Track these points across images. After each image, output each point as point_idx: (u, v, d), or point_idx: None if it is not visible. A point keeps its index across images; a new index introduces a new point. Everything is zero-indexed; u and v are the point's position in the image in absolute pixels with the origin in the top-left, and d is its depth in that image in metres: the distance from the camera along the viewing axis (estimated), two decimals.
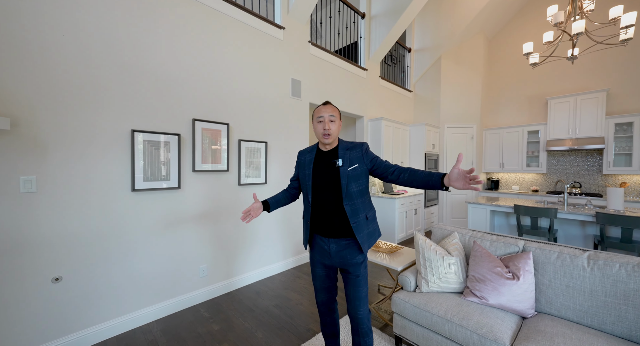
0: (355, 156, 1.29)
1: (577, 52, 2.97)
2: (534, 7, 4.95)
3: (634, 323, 1.20)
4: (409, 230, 4.37)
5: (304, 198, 1.39)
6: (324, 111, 1.28)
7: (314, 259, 1.39)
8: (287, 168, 3.10)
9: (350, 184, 1.26)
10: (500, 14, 5.02)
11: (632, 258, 1.29)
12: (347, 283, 1.31)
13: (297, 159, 1.46)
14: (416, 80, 5.57)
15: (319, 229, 1.32)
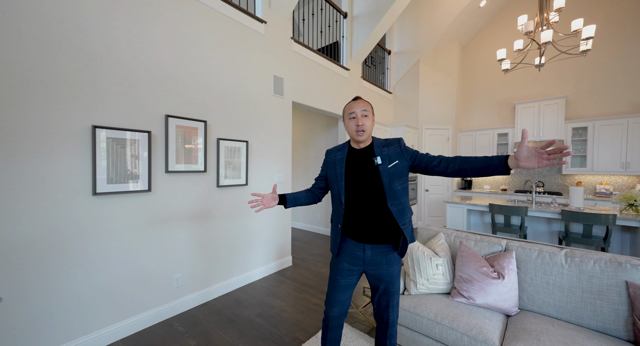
0: (394, 153, 1.19)
1: (543, 60, 3.17)
2: (504, 15, 5.27)
3: (608, 317, 1.26)
4: None
5: (335, 199, 1.27)
6: (355, 106, 1.19)
7: (339, 267, 1.24)
8: (270, 169, 2.98)
9: (393, 182, 1.16)
10: (473, 22, 5.27)
11: (605, 255, 1.37)
12: (379, 292, 1.24)
13: (325, 158, 1.35)
14: (396, 82, 5.68)
15: (353, 233, 1.21)
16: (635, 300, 1.20)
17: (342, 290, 1.24)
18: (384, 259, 1.20)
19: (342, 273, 1.24)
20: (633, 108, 4.15)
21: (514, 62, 4.32)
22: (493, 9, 5.27)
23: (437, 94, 5.45)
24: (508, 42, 5.20)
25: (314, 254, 3.68)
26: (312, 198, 1.39)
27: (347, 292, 1.25)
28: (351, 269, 1.23)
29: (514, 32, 5.12)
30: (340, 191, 1.22)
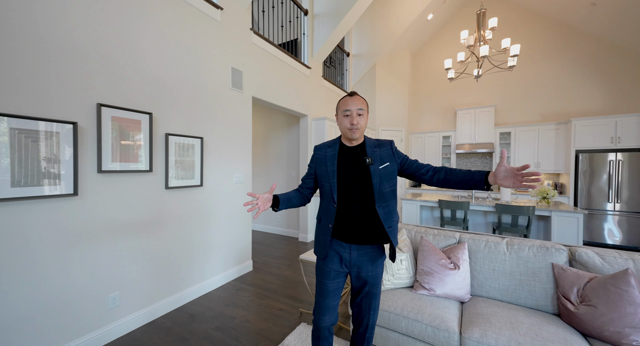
0: (385, 154, 1.17)
1: (481, 72, 3.61)
2: (448, 29, 5.86)
3: (540, 295, 1.47)
4: None
5: (325, 197, 1.21)
6: (351, 103, 1.13)
7: (325, 270, 1.18)
8: (228, 168, 2.75)
9: (383, 183, 1.14)
10: (422, 33, 5.74)
11: (536, 242, 1.59)
12: (359, 296, 1.21)
13: (315, 154, 1.27)
14: (354, 84, 5.85)
15: (340, 234, 1.17)
16: (559, 278, 1.42)
17: (332, 295, 1.18)
18: (369, 260, 1.18)
19: (330, 275, 1.18)
20: (542, 118, 5.02)
21: (458, 72, 4.83)
22: (439, 22, 5.82)
23: (391, 97, 5.79)
24: (451, 53, 5.79)
25: (275, 257, 3.55)
26: (302, 199, 1.30)
27: (337, 297, 1.20)
28: (339, 271, 1.19)
29: (456, 44, 5.74)
30: (332, 189, 1.16)
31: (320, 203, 1.26)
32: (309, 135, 4.26)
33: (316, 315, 1.20)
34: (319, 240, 1.23)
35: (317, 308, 1.21)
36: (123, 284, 1.91)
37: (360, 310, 1.23)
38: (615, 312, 1.16)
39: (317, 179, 1.27)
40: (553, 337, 1.19)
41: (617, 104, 4.46)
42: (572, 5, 4.38)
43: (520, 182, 0.93)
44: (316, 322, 1.20)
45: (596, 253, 1.41)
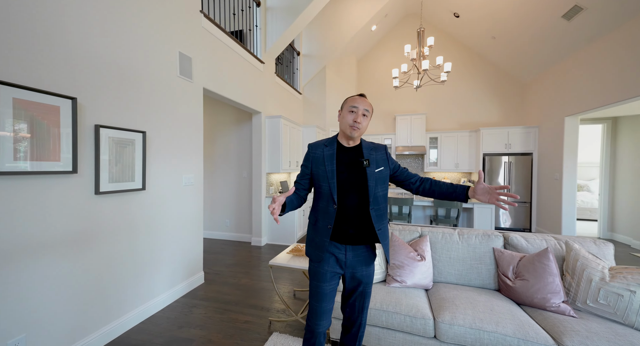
0: (380, 158, 1.20)
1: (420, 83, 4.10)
2: (388, 41, 6.44)
3: (485, 276, 1.76)
4: (304, 227, 4.53)
5: (322, 198, 1.17)
6: (359, 101, 1.14)
7: (321, 272, 1.15)
8: (176, 168, 2.38)
9: (377, 186, 1.16)
10: (367, 41, 6.16)
11: (480, 231, 1.89)
12: (353, 296, 1.21)
13: (310, 153, 1.22)
14: (305, 83, 5.86)
15: (336, 235, 1.15)
16: (499, 260, 1.73)
17: (328, 298, 1.16)
18: (363, 260, 1.19)
19: (327, 277, 1.16)
20: (460, 126, 6.04)
21: (402, 81, 5.37)
22: (381, 33, 6.35)
23: (341, 99, 6.02)
24: (392, 62, 6.39)
25: (229, 265, 3.26)
26: (300, 200, 1.23)
27: (333, 299, 1.18)
28: (335, 272, 1.17)
29: (396, 55, 6.36)
30: (332, 190, 1.13)
31: (316, 204, 1.21)
32: (262, 133, 4.06)
33: (312, 320, 1.16)
34: (316, 242, 1.18)
35: (312, 313, 1.16)
36: (32, 322, 1.43)
37: (353, 310, 1.24)
38: (541, 282, 1.48)
39: (314, 179, 1.22)
40: (501, 309, 1.44)
41: (508, 118, 5.72)
42: (478, 37, 5.39)
43: (495, 199, 1.04)
44: (312, 328, 1.16)
45: (522, 237, 1.77)
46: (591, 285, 1.42)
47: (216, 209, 4.43)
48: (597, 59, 3.62)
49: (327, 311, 1.17)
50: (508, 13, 4.33)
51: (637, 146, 4.27)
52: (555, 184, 4.53)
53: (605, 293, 1.37)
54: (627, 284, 1.34)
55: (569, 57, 4.16)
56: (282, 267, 1.94)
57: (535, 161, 5.11)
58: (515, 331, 1.29)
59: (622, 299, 1.33)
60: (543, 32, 4.15)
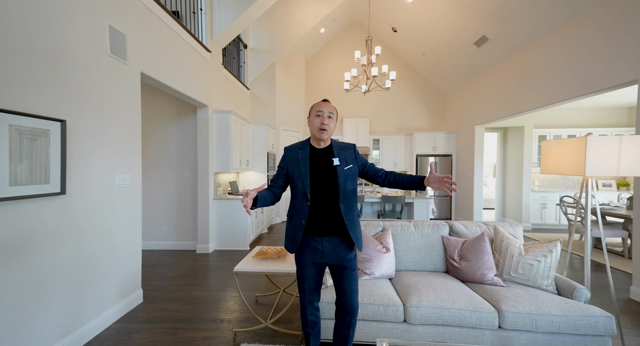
0: (349, 156, 1.32)
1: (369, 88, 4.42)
2: (335, 45, 6.70)
3: (436, 260, 2.03)
4: (257, 230, 4.32)
5: (297, 197, 1.30)
6: (324, 106, 1.27)
7: (303, 261, 1.32)
8: (107, 166, 1.94)
9: (347, 183, 1.28)
10: (315, 43, 6.28)
11: (431, 221, 2.16)
12: (342, 278, 1.32)
13: (286, 156, 1.34)
14: (253, 79, 5.59)
15: (312, 229, 1.28)
16: (446, 245, 2.02)
17: (310, 280, 1.34)
18: (340, 248, 1.30)
19: (307, 265, 1.32)
20: (397, 129, 6.75)
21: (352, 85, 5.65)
22: (329, 37, 6.56)
23: (290, 98, 5.98)
24: (338, 66, 6.67)
25: (172, 278, 2.86)
26: (274, 198, 1.33)
27: (314, 280, 1.36)
28: (314, 262, 1.31)
29: (343, 59, 6.66)
30: (306, 189, 1.26)
31: (292, 202, 1.34)
32: (210, 129, 3.69)
33: (302, 295, 1.37)
34: (291, 236, 1.32)
35: (301, 290, 1.36)
36: None
37: (344, 294, 1.33)
38: (480, 261, 1.79)
39: (290, 179, 1.34)
40: (454, 288, 1.68)
41: (434, 125, 6.69)
42: (411, 52, 6.14)
43: (444, 185, 1.22)
44: (301, 299, 1.38)
45: (462, 225, 2.10)
46: (513, 259, 1.79)
47: (150, 216, 3.82)
48: (496, 80, 4.57)
49: (312, 288, 1.35)
50: (434, 35, 5.06)
51: (519, 151, 5.58)
52: (469, 180, 5.53)
53: (522, 264, 1.76)
54: (535, 256, 1.74)
55: (478, 76, 5.13)
56: (247, 273, 1.81)
57: (454, 161, 6.12)
58: (467, 305, 1.53)
59: (533, 268, 1.73)
60: (460, 54, 5.01)
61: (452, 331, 1.54)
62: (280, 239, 4.43)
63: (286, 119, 5.90)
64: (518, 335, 1.50)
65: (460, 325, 1.52)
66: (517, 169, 5.61)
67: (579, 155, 1.59)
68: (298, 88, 6.14)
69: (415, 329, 1.56)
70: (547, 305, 1.50)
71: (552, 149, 1.80)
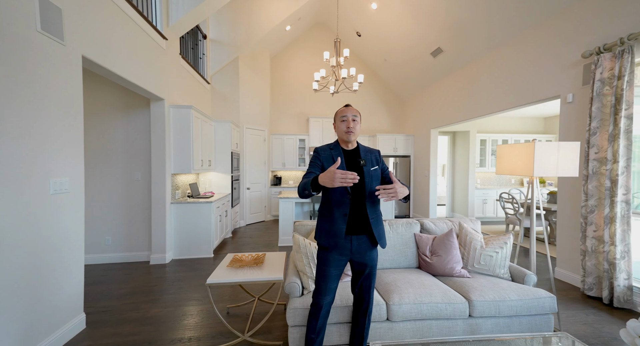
0: (374, 159, 1.42)
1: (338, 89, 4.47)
2: (301, 43, 6.63)
3: (410, 257, 2.13)
4: (221, 235, 4.03)
5: (336, 191, 1.31)
6: (347, 111, 1.35)
7: (329, 259, 1.33)
8: (38, 167, 1.57)
9: (372, 183, 1.35)
10: (280, 40, 6.13)
11: (404, 220, 2.26)
12: (362, 275, 1.39)
13: (321, 154, 1.39)
14: (214, 73, 5.21)
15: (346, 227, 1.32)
16: (419, 242, 2.13)
17: (333, 280, 1.35)
18: (367, 247, 1.37)
19: (334, 263, 1.34)
20: (362, 131, 6.99)
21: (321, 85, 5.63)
22: (295, 35, 6.47)
23: (255, 96, 5.73)
24: (303, 66, 6.62)
25: (122, 296, 2.49)
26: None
27: (337, 280, 1.38)
28: (341, 260, 1.35)
29: (308, 59, 6.63)
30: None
31: (328, 198, 1.36)
32: (166, 126, 3.31)
33: (319, 296, 1.35)
34: (333, 230, 1.32)
35: (319, 291, 1.36)
36: None
37: (362, 290, 1.42)
38: (449, 256, 1.94)
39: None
40: (429, 283, 1.78)
41: (395, 127, 7.10)
42: (374, 57, 6.41)
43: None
44: (318, 301, 1.35)
45: (432, 222, 2.25)
46: (476, 252, 1.98)
47: (91, 225, 3.27)
48: (449, 89, 5.05)
49: (332, 289, 1.36)
50: (395, 43, 5.37)
51: (465, 153, 6.26)
52: (425, 179, 6.01)
53: (483, 256, 1.95)
54: (493, 248, 1.95)
55: (434, 84, 5.60)
56: (222, 285, 1.66)
57: (412, 162, 6.58)
58: (443, 298, 1.63)
59: (492, 259, 1.93)
60: (417, 63, 5.40)
61: (429, 325, 1.63)
62: (246, 243, 4.21)
63: (251, 117, 5.64)
64: (485, 321, 1.66)
65: (437, 318, 1.62)
66: (464, 169, 6.28)
67: (528, 158, 1.83)
68: (263, 86, 5.92)
69: (397, 326, 1.61)
70: (507, 292, 1.69)
71: (505, 153, 2.03)
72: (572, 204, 2.77)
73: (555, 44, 2.95)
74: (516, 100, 3.52)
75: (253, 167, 5.68)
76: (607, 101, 2.42)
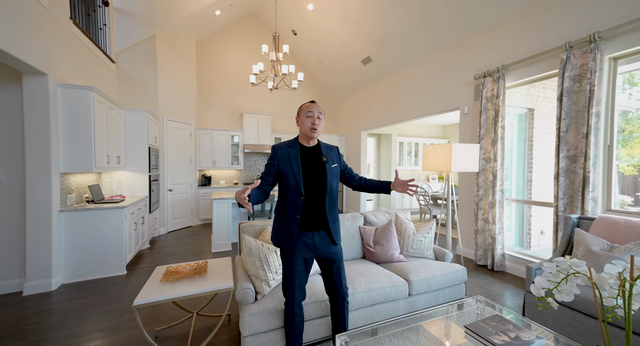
0: (335, 156, 1.43)
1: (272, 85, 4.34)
2: (232, 32, 6.14)
3: (356, 249, 2.26)
4: (136, 247, 3.35)
5: (290, 192, 1.32)
6: (314, 107, 1.35)
7: (293, 258, 1.33)
8: None
9: (333, 180, 1.38)
10: (208, 24, 5.54)
11: (349, 215, 2.37)
12: (331, 270, 1.40)
13: (277, 153, 1.37)
14: (120, 50, 4.26)
15: (303, 225, 1.33)
16: (363, 234, 2.29)
17: (300, 277, 1.35)
18: (329, 241, 1.39)
19: (298, 261, 1.33)
20: (297, 130, 7.04)
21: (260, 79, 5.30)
22: (226, 22, 5.95)
23: (179, 84, 4.99)
24: (235, 57, 6.17)
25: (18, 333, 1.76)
26: (265, 195, 1.34)
27: (305, 277, 1.38)
28: (305, 257, 1.35)
29: (241, 50, 6.20)
30: (299, 184, 1.31)
31: (283, 198, 1.35)
32: (52, 110, 2.51)
33: (289, 295, 1.35)
34: (285, 232, 1.32)
35: (288, 289, 1.35)
36: None
37: (332, 284, 1.42)
38: (389, 244, 2.15)
39: (281, 176, 1.35)
40: (375, 271, 1.93)
41: (329, 127, 7.43)
42: (309, 57, 6.55)
43: (406, 188, 1.39)
44: (288, 299, 1.35)
45: (373, 215, 2.45)
46: (409, 238, 2.26)
47: None
48: (377, 95, 5.63)
49: (300, 286, 1.35)
50: (329, 46, 5.62)
51: (388, 153, 7.11)
52: None
53: (415, 241, 2.25)
54: (422, 233, 2.28)
55: (364, 89, 6.12)
56: (156, 304, 1.37)
57: (345, 160, 7.02)
58: (388, 282, 1.80)
59: (422, 243, 2.25)
60: (349, 68, 5.80)
61: (378, 309, 1.77)
62: (171, 253, 3.63)
63: (174, 108, 4.88)
64: (420, 297, 1.91)
65: (384, 301, 1.77)
66: (387, 167, 7.12)
67: (447, 157, 2.21)
68: (188, 74, 5.21)
69: (352, 315, 1.68)
70: (434, 269, 2.00)
71: (429, 152, 2.40)
72: (468, 194, 3.51)
73: (458, 65, 3.66)
74: (430, 109, 4.20)
75: (177, 166, 4.94)
76: (490, 114, 3.16)
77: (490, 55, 3.23)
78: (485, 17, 3.19)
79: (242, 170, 6.39)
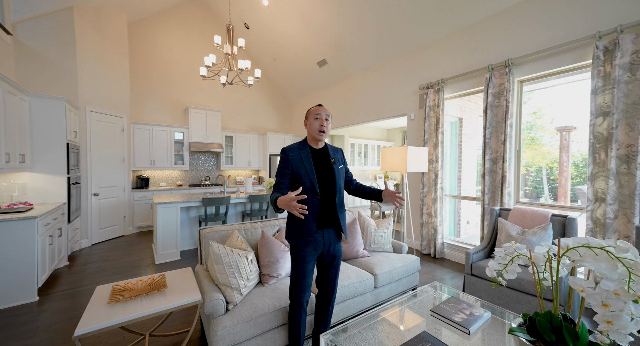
0: (341, 158, 1.52)
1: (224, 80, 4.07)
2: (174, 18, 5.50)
3: None
4: (51, 266, 2.71)
5: (305, 192, 1.34)
6: (321, 110, 1.40)
7: (304, 256, 1.36)
8: None
9: (340, 180, 1.45)
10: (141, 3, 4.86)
11: None
12: (331, 265, 1.47)
13: (289, 156, 1.40)
14: (20, 19, 3.39)
15: (318, 223, 1.38)
16: None
17: (309, 275, 1.39)
18: (336, 238, 1.46)
19: (309, 259, 1.38)
20: (250, 128, 6.73)
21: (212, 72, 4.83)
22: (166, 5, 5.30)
23: (106, 70, 4.22)
24: (181, 46, 5.55)
25: None
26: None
27: (312, 274, 1.42)
28: (314, 254, 1.40)
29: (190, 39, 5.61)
30: (314, 184, 1.37)
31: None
32: None
33: (298, 293, 1.38)
34: (303, 230, 1.36)
35: (297, 288, 1.38)
36: None
37: (328, 279, 1.48)
38: (355, 241, 2.26)
39: (296, 177, 1.39)
40: (344, 268, 2.00)
41: (283, 127, 7.32)
42: (263, 55, 6.34)
43: (394, 200, 1.43)
44: (299, 299, 1.38)
45: None
46: (372, 235, 2.41)
47: None
48: (331, 98, 5.80)
49: (309, 284, 1.41)
50: (284, 45, 5.55)
51: None
52: None
53: (377, 237, 2.42)
54: (382, 229, 2.46)
55: (318, 91, 6.23)
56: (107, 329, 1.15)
57: None
58: (357, 278, 1.89)
59: (382, 238, 2.43)
60: (305, 69, 5.84)
61: (348, 304, 1.84)
62: (101, 269, 3.05)
63: (99, 97, 4.10)
64: (384, 288, 2.06)
65: (354, 296, 1.86)
66: None
67: (403, 158, 2.44)
68: (119, 58, 4.46)
69: None
70: (395, 261, 2.18)
71: (387, 154, 2.60)
72: (414, 191, 3.93)
73: (406, 75, 4.06)
74: (380, 113, 4.55)
75: (104, 166, 4.18)
76: (432, 120, 3.60)
77: (432, 69, 3.68)
78: (428, 36, 3.62)
79: (188, 170, 5.79)
